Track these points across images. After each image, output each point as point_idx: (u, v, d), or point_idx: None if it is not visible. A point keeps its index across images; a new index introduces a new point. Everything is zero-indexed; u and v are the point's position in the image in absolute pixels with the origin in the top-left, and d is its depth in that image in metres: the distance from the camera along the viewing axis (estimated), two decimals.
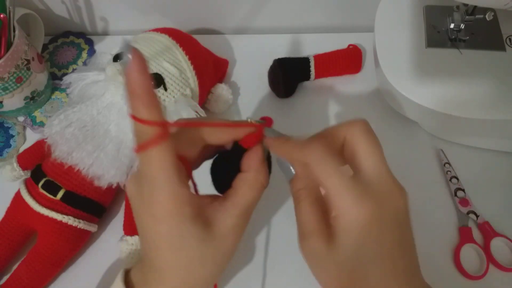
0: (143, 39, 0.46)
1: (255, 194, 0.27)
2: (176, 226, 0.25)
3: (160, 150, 0.23)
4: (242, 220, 0.27)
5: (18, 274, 0.40)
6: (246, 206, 0.27)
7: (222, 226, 0.26)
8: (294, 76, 0.52)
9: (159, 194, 0.24)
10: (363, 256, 0.24)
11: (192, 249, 0.25)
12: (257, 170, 0.28)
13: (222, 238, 0.26)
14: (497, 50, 0.44)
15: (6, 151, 0.51)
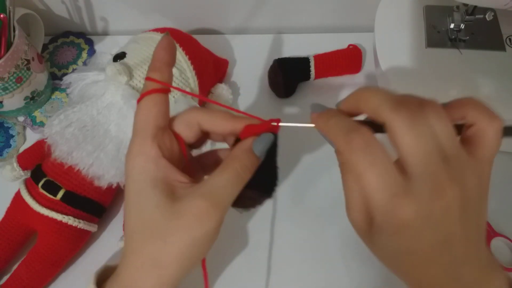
0: (143, 39, 0.46)
1: (225, 178, 0.25)
2: (137, 182, 0.25)
3: (148, 100, 0.26)
4: (207, 204, 0.24)
5: (18, 274, 0.40)
6: (214, 189, 0.25)
7: (184, 204, 0.24)
8: (294, 76, 0.52)
9: (134, 144, 0.25)
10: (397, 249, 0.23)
11: (146, 212, 0.25)
12: (234, 156, 0.26)
13: (182, 216, 0.24)
14: (497, 50, 0.44)
15: (6, 151, 0.51)
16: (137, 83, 0.42)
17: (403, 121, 0.22)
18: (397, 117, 0.22)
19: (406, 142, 0.22)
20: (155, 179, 0.25)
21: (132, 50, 0.44)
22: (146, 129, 0.25)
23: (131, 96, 0.40)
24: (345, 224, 0.26)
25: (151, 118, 0.26)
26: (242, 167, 0.26)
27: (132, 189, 0.25)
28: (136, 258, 0.25)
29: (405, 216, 0.22)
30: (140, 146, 0.25)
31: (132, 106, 0.40)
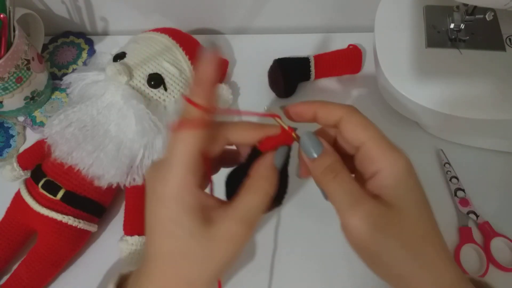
0: (143, 39, 0.46)
1: (257, 201, 0.26)
2: (174, 211, 0.25)
3: (191, 135, 0.25)
4: (241, 227, 0.25)
5: (18, 274, 0.40)
6: (246, 212, 0.26)
7: (219, 229, 0.25)
8: (294, 76, 0.52)
9: (172, 174, 0.25)
10: (415, 207, 0.25)
11: (182, 240, 0.25)
12: (262, 175, 0.27)
13: (217, 241, 0.25)
14: (497, 50, 0.44)
15: (6, 151, 0.51)
16: (137, 83, 0.42)
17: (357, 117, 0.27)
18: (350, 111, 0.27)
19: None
20: (191, 208, 0.25)
21: (132, 50, 0.44)
22: (187, 163, 0.25)
23: (131, 96, 0.40)
24: None
25: (193, 154, 0.25)
26: (271, 186, 0.26)
27: (166, 216, 0.25)
28: (169, 281, 0.26)
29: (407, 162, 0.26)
30: (179, 178, 0.25)
31: (132, 106, 0.40)
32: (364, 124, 0.26)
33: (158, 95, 0.42)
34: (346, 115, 0.27)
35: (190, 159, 0.25)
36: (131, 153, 0.40)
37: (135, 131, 0.39)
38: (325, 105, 0.28)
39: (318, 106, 0.28)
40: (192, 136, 0.25)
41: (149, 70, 0.42)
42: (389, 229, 0.25)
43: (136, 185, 0.42)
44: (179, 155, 0.25)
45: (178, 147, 0.25)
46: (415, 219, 0.25)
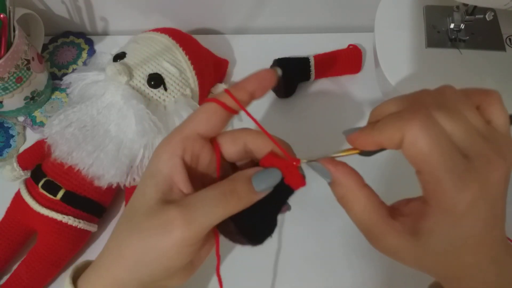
0: (143, 39, 0.46)
1: (209, 197, 0.23)
2: (150, 166, 0.25)
3: (205, 106, 0.25)
4: (179, 215, 0.22)
5: (18, 274, 0.40)
6: (192, 204, 0.23)
7: (162, 209, 0.23)
8: (294, 76, 0.52)
9: (172, 131, 0.25)
10: (456, 238, 0.22)
11: (136, 202, 0.25)
12: (232, 178, 0.24)
13: (154, 221, 0.23)
14: (497, 50, 0.44)
15: (6, 151, 0.51)
16: (137, 83, 0.42)
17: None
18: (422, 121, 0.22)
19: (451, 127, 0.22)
20: (157, 170, 0.24)
21: (132, 50, 0.44)
22: (183, 127, 0.25)
23: (131, 96, 0.40)
24: (348, 223, 0.26)
25: (194, 121, 0.25)
26: (232, 191, 0.23)
27: (144, 173, 0.26)
28: (110, 240, 0.26)
29: (471, 195, 0.21)
30: (168, 138, 0.25)
31: (132, 106, 0.40)
32: (428, 150, 0.21)
33: (158, 95, 0.42)
34: (406, 137, 0.22)
35: (188, 125, 0.25)
36: (131, 153, 0.40)
37: (135, 131, 0.39)
38: (382, 131, 0.23)
39: (376, 135, 0.24)
40: (203, 108, 0.25)
41: (149, 70, 0.42)
42: (410, 258, 0.24)
43: (136, 185, 0.42)
44: (184, 120, 0.25)
45: (188, 116, 0.26)
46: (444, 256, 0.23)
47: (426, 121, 0.21)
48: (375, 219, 0.23)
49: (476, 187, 0.21)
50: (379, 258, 0.41)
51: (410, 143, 0.22)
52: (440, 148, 0.21)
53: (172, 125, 0.41)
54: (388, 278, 0.41)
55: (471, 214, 0.22)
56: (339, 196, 0.25)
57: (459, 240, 0.22)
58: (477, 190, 0.21)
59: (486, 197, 0.22)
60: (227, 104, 0.25)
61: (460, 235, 0.22)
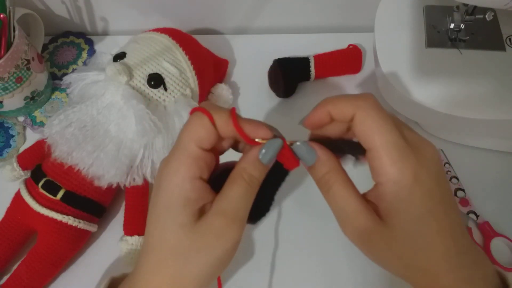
0: (143, 39, 0.46)
1: (237, 192, 0.25)
2: (171, 199, 0.25)
3: (201, 119, 0.25)
4: (223, 220, 0.25)
5: (18, 274, 0.40)
6: (227, 205, 0.25)
7: (204, 223, 0.25)
8: (294, 76, 0.52)
9: (178, 162, 0.25)
10: (411, 221, 0.24)
11: (172, 231, 0.25)
12: (242, 166, 0.26)
13: (202, 235, 0.24)
14: (497, 50, 0.44)
15: (6, 151, 0.51)
16: (137, 83, 0.42)
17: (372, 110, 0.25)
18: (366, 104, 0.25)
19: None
20: (187, 199, 0.25)
21: (132, 50, 0.44)
22: (190, 149, 0.25)
23: (131, 96, 0.40)
24: None
25: (198, 139, 0.25)
26: (251, 178, 0.25)
27: (162, 203, 0.25)
28: (156, 274, 0.26)
29: (413, 166, 0.23)
30: (181, 163, 0.25)
31: (132, 106, 0.40)
32: (376, 127, 0.24)
33: (158, 95, 0.42)
34: (358, 114, 0.24)
35: (195, 146, 0.25)
36: (131, 153, 0.40)
37: (135, 131, 0.39)
38: (336, 104, 0.26)
39: (330, 107, 0.26)
40: (201, 122, 0.25)
41: (149, 70, 0.42)
42: (380, 244, 0.25)
43: (136, 185, 0.42)
44: (184, 139, 0.25)
45: (185, 131, 0.25)
46: (410, 235, 0.24)
47: (377, 103, 0.25)
48: (353, 198, 0.25)
49: (416, 160, 0.24)
50: None
51: (361, 119, 0.24)
52: (387, 126, 0.24)
53: (172, 125, 0.41)
54: (388, 279, 0.41)
55: (417, 184, 0.23)
56: (320, 175, 0.26)
57: (416, 212, 0.24)
58: (417, 162, 0.24)
59: (427, 170, 0.24)
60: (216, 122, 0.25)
61: (415, 209, 0.24)
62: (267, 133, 0.26)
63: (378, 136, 0.24)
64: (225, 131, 0.26)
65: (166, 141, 0.41)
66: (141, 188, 0.43)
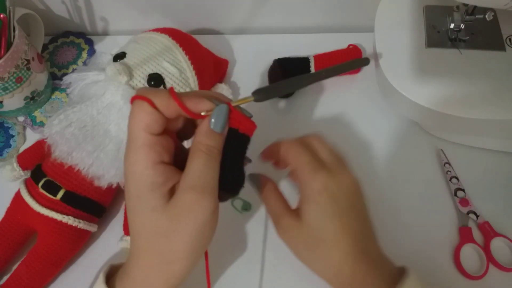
0: (143, 39, 0.45)
1: (199, 164, 0.26)
2: (139, 188, 0.26)
3: (141, 107, 0.26)
4: (193, 194, 0.25)
5: (18, 274, 0.40)
6: (193, 178, 0.26)
7: (175, 201, 0.25)
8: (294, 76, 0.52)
9: (135, 152, 0.26)
10: (321, 219, 0.30)
11: (147, 216, 0.26)
12: (197, 139, 0.27)
13: (176, 213, 0.25)
14: (497, 50, 0.44)
15: (6, 151, 0.51)
16: (137, 83, 0.42)
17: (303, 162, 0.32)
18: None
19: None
20: (153, 183, 0.25)
21: (132, 50, 0.44)
22: (141, 136, 0.25)
23: (131, 96, 0.40)
24: None
25: (145, 126, 0.25)
26: (208, 148, 0.26)
27: (132, 193, 0.26)
28: (144, 257, 0.27)
29: (323, 177, 0.30)
30: (137, 153, 0.25)
31: None
32: (295, 153, 0.32)
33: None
34: (284, 152, 0.33)
35: (144, 134, 0.25)
36: None
37: None
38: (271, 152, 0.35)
39: (269, 157, 0.35)
40: (142, 110, 0.25)
41: (149, 70, 0.42)
42: (297, 236, 0.31)
43: None
44: (133, 131, 0.26)
45: (131, 123, 0.26)
46: (316, 228, 0.30)
47: (298, 139, 0.34)
48: (281, 207, 0.33)
49: (326, 174, 0.30)
50: None
51: (286, 152, 0.33)
52: (304, 152, 0.32)
53: None
54: None
55: (325, 191, 0.30)
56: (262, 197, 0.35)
57: (322, 212, 0.30)
58: (328, 176, 0.30)
59: (337, 185, 0.31)
60: (157, 105, 0.26)
61: (322, 209, 0.30)
62: (209, 105, 0.27)
63: (297, 159, 0.32)
64: (169, 112, 0.26)
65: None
66: None
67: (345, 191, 0.31)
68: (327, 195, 0.30)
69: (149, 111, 0.25)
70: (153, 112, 0.25)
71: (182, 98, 0.26)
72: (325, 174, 0.30)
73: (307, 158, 0.31)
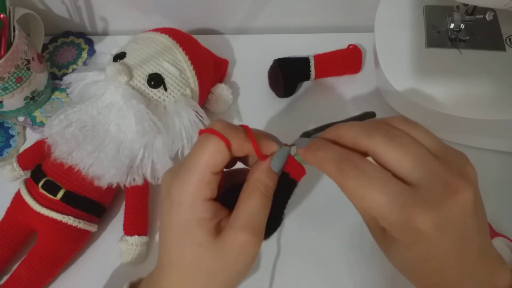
0: (143, 39, 0.46)
1: (254, 204, 0.25)
2: (186, 221, 0.25)
3: (217, 144, 0.25)
4: (245, 235, 0.24)
5: (18, 274, 0.40)
6: (247, 218, 0.25)
7: (225, 239, 0.25)
8: (294, 76, 0.52)
9: (189, 183, 0.25)
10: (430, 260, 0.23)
11: (192, 250, 0.25)
12: (256, 177, 0.26)
13: (225, 252, 0.25)
14: (497, 50, 0.44)
15: (6, 151, 0.51)
16: (137, 83, 0.42)
17: (381, 141, 0.23)
18: (373, 141, 0.23)
19: (392, 156, 0.22)
20: (201, 219, 0.25)
21: (132, 50, 0.44)
22: (204, 173, 0.25)
23: (131, 96, 0.40)
24: (348, 227, 0.26)
25: (214, 165, 0.25)
26: (266, 188, 0.26)
27: (178, 224, 0.25)
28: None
29: (423, 226, 0.21)
30: (192, 186, 0.25)
31: (132, 106, 0.40)
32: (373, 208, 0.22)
33: (158, 95, 0.42)
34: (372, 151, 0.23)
35: (208, 171, 0.25)
36: (131, 153, 0.40)
37: (135, 131, 0.39)
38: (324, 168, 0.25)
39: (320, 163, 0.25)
40: (217, 147, 0.25)
41: (149, 70, 0.42)
42: (395, 258, 0.25)
43: (136, 185, 0.42)
44: (199, 161, 0.25)
45: (200, 153, 0.25)
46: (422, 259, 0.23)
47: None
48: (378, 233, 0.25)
49: (428, 219, 0.21)
50: (381, 264, 0.41)
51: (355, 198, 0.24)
52: (385, 193, 0.22)
53: (172, 125, 0.41)
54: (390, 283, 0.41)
55: (425, 242, 0.22)
56: None
57: (419, 260, 0.23)
58: (430, 220, 0.21)
59: (446, 225, 0.21)
60: (232, 147, 0.25)
61: (417, 257, 0.23)
62: (275, 147, 0.26)
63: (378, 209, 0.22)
64: (239, 152, 0.26)
65: (166, 141, 0.41)
66: (141, 188, 0.43)
67: (457, 225, 0.22)
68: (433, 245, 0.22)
69: (223, 151, 0.25)
70: (226, 153, 0.25)
71: (257, 139, 0.26)
72: (426, 215, 0.21)
73: (390, 186, 0.22)
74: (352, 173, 0.22)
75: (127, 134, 0.40)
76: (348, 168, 0.23)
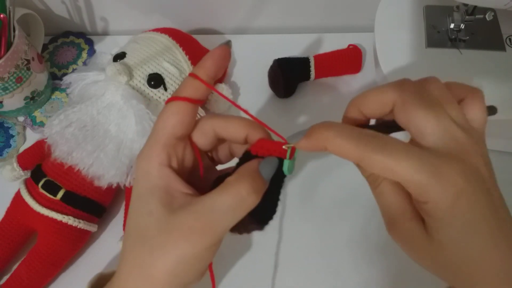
0: (143, 39, 0.46)
1: (226, 201, 0.22)
2: (141, 186, 0.25)
3: (172, 106, 0.25)
4: (198, 223, 0.22)
5: (18, 274, 0.40)
6: (209, 209, 0.22)
7: (176, 219, 0.23)
8: (294, 76, 0.52)
9: (147, 148, 0.25)
10: (459, 233, 0.22)
11: (142, 220, 0.24)
12: (241, 176, 0.23)
13: (173, 231, 0.22)
14: (497, 50, 0.44)
15: (6, 151, 0.51)
16: (137, 83, 0.42)
17: (413, 97, 0.24)
18: (405, 93, 0.24)
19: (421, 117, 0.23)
20: (154, 186, 0.24)
21: (132, 50, 0.44)
22: (159, 135, 0.25)
23: (131, 96, 0.40)
24: (353, 223, 0.26)
25: (169, 125, 0.25)
26: (248, 191, 0.22)
27: (135, 191, 0.25)
28: (124, 265, 0.25)
29: (457, 178, 0.22)
30: (149, 150, 0.25)
31: (132, 106, 0.40)
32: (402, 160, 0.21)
33: (158, 95, 0.42)
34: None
35: (164, 132, 0.25)
36: (131, 153, 0.40)
37: (135, 131, 0.39)
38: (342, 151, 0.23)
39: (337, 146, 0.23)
40: (172, 108, 0.25)
41: (149, 70, 0.42)
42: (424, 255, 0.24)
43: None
44: (155, 127, 0.25)
45: (157, 120, 0.25)
46: (458, 249, 0.23)
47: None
48: (401, 199, 0.24)
49: (460, 171, 0.22)
50: (385, 261, 0.41)
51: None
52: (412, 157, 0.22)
53: None
54: (394, 279, 0.41)
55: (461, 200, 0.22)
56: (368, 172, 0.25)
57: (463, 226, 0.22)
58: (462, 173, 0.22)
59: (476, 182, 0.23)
60: (192, 98, 0.25)
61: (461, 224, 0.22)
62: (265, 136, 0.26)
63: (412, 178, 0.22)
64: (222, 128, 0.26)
65: None
66: None
67: (479, 188, 0.23)
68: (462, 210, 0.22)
69: (182, 112, 0.25)
70: (185, 113, 0.25)
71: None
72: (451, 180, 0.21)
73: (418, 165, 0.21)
74: (377, 147, 0.22)
75: (127, 134, 0.40)
76: (372, 142, 0.22)
